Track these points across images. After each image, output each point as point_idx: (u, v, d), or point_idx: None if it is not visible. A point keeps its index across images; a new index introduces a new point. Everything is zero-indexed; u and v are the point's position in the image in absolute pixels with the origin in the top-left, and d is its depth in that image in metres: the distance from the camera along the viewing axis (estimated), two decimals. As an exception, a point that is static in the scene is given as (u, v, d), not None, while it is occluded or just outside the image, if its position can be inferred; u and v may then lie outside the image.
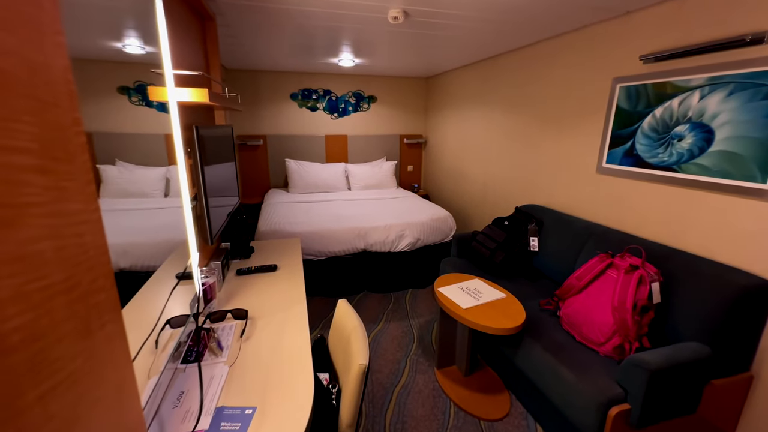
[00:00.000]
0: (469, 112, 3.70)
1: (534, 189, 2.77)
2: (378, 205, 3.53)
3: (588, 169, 2.27)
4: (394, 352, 2.27)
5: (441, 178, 4.51)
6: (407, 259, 3.03)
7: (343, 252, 2.87)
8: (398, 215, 3.14)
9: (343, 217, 3.08)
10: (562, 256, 2.19)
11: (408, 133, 4.91)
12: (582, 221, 2.22)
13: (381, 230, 2.92)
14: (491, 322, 1.62)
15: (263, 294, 1.49)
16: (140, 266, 1.21)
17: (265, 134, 4.36)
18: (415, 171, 5.07)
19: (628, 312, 1.45)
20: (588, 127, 2.25)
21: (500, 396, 1.89)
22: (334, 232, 2.83)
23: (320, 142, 4.55)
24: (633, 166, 1.97)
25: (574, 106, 2.35)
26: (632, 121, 1.96)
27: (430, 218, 3.12)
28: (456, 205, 4.13)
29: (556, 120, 2.52)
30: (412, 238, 2.98)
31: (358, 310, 2.75)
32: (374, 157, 4.77)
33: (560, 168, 2.50)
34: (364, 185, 4.32)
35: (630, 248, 1.64)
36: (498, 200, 3.27)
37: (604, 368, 1.46)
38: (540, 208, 2.55)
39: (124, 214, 1.26)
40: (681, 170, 1.73)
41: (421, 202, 3.62)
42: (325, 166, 4.34)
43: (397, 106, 4.76)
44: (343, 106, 4.57)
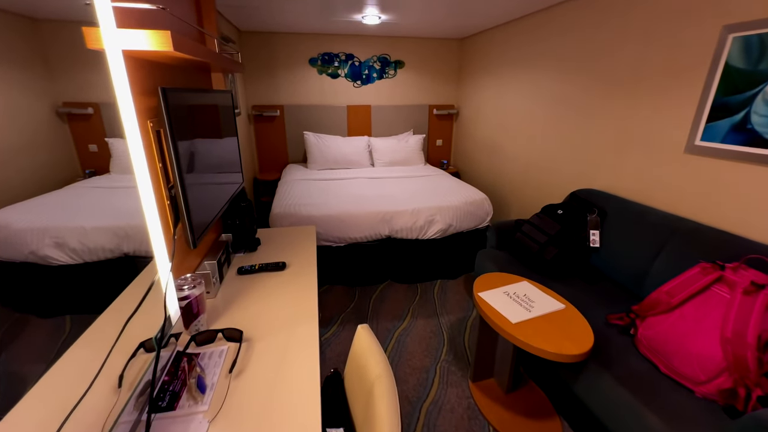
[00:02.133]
0: (510, 79, 3.19)
1: (594, 171, 2.32)
2: (404, 185, 3.16)
3: (673, 147, 1.80)
4: (421, 358, 1.99)
5: (474, 154, 4.05)
6: (437, 247, 2.69)
7: (365, 239, 2.57)
8: (427, 197, 2.78)
9: (365, 199, 2.75)
10: (632, 255, 1.78)
11: (438, 103, 4.42)
12: (661, 213, 1.78)
13: (408, 215, 2.58)
14: (550, 345, 1.27)
15: (266, 303, 1.21)
16: (145, 252, 0.95)
17: (282, 104, 4.01)
18: (444, 146, 4.62)
19: (750, 347, 1.07)
20: (676, 93, 1.77)
21: (550, 422, 1.58)
22: (355, 217, 2.51)
23: (341, 114, 4.17)
24: (744, 144, 1.50)
25: (656, 66, 1.86)
26: (749, 84, 1.47)
27: (464, 201, 2.74)
28: (491, 186, 3.70)
29: (628, 84, 2.02)
30: (444, 224, 2.62)
31: (382, 303, 2.48)
32: (400, 130, 4.35)
33: (632, 145, 2.03)
34: (389, 161, 3.94)
35: (750, 258, 1.23)
36: (544, 183, 2.83)
37: (703, 417, 1.11)
38: (602, 194, 2.12)
39: (128, 192, 0.99)
40: (825, 152, 1.27)
41: (452, 182, 3.22)
42: (347, 139, 3.98)
43: (427, 73, 4.26)
44: (366, 73, 4.13)
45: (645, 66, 1.92)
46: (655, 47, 1.86)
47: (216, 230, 1.56)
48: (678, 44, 1.75)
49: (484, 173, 3.84)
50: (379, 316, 2.35)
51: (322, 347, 2.05)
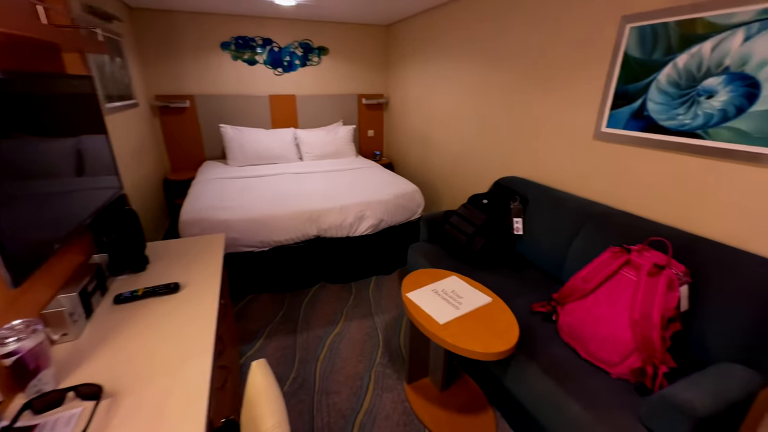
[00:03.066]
0: (435, 67, 3.16)
1: (516, 159, 2.36)
2: (334, 180, 3.00)
3: (583, 134, 1.87)
4: (355, 364, 1.88)
5: (405, 145, 4.00)
6: (369, 244, 2.59)
7: (291, 240, 2.37)
8: (357, 192, 2.64)
9: (290, 197, 2.53)
10: (552, 241, 1.83)
11: (367, 92, 4.28)
12: (576, 198, 1.86)
13: (336, 212, 2.42)
14: (478, 345, 1.23)
15: (147, 338, 0.98)
16: None
17: (192, 94, 3.57)
18: (376, 136, 4.51)
19: (656, 327, 1.11)
20: (584, 83, 1.83)
21: (483, 415, 1.57)
22: (278, 219, 2.30)
23: (263, 104, 3.84)
24: (642, 130, 1.59)
25: (567, 57, 1.91)
26: (645, 73, 1.55)
27: (395, 195, 2.66)
28: (423, 176, 3.68)
29: (543, 75, 2.07)
30: (374, 220, 2.52)
31: (313, 308, 2.31)
32: (329, 121, 4.15)
33: (548, 133, 2.09)
34: (318, 154, 3.73)
35: (652, 240, 1.29)
36: (472, 172, 2.86)
37: (619, 397, 1.14)
38: (524, 181, 2.16)
39: None
40: (708, 136, 1.37)
41: (383, 174, 3.13)
42: (271, 132, 3.67)
43: (353, 60, 4.09)
44: (288, 60, 3.84)
45: (556, 55, 1.96)
46: (563, 37, 1.90)
47: (83, 251, 1.27)
48: (584, 34, 1.80)
49: (416, 164, 3.81)
50: (311, 322, 2.19)
51: (243, 368, 1.84)
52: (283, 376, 1.79)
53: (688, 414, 0.92)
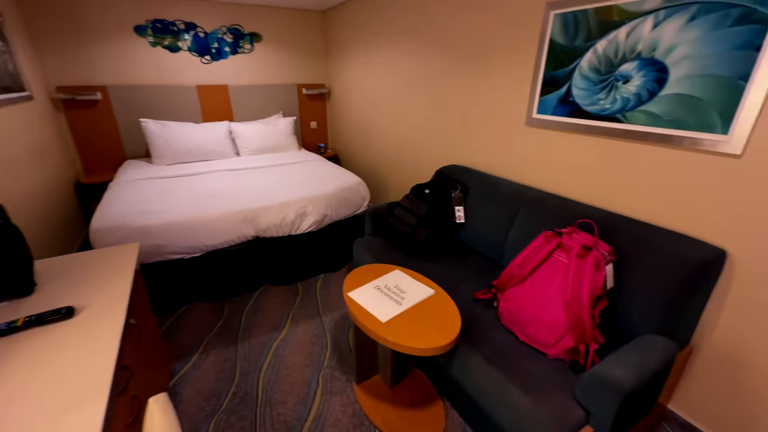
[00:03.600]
0: (376, 55, 3.07)
1: (456, 147, 2.37)
2: (273, 175, 2.82)
3: (516, 121, 1.91)
4: (302, 370, 1.78)
5: (350, 136, 3.90)
6: (314, 241, 2.47)
7: (226, 244, 2.18)
8: (298, 187, 2.51)
9: (223, 196, 2.33)
10: (491, 227, 1.86)
11: (307, 81, 4.09)
12: (511, 184, 1.89)
13: (276, 210, 2.27)
14: (421, 341, 1.20)
15: (25, 381, 0.81)
16: None
17: (103, 84, 3.15)
18: (320, 128, 4.35)
19: (585, 307, 1.15)
20: (516, 70, 1.85)
21: (434, 408, 1.57)
22: (208, 221, 2.10)
23: (191, 95, 3.51)
24: (569, 116, 1.64)
25: (499, 45, 1.92)
26: (569, 59, 1.59)
27: (339, 188, 2.56)
28: (369, 168, 3.61)
29: (478, 63, 2.07)
30: (318, 216, 2.41)
31: (256, 314, 2.17)
32: (267, 113, 3.91)
33: (484, 121, 2.11)
34: (257, 149, 3.50)
35: (581, 223, 1.33)
36: (416, 161, 2.83)
37: (556, 378, 1.17)
38: (464, 169, 2.17)
39: None
40: (626, 119, 1.44)
41: (327, 168, 3.01)
42: (201, 126, 3.37)
43: (290, 48, 3.87)
44: (216, 46, 3.53)
45: (490, 46, 1.97)
46: (494, 24, 1.91)
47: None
48: (513, 21, 1.81)
49: (362, 155, 3.73)
50: (253, 330, 2.05)
51: (177, 388, 1.67)
52: (221, 392, 1.65)
53: (617, 390, 0.96)
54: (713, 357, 1.33)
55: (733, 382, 1.30)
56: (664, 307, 1.20)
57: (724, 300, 1.27)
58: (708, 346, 1.34)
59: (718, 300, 1.28)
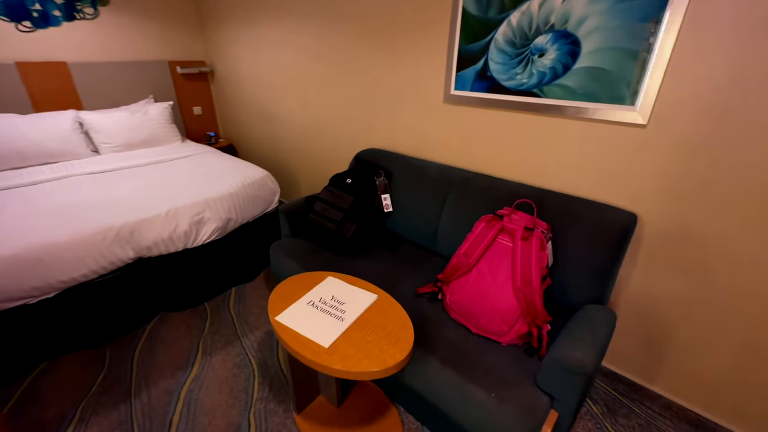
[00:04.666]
0: (269, 29, 2.65)
1: (372, 129, 2.19)
2: (154, 175, 2.26)
3: (434, 98, 1.81)
4: (225, 411, 1.47)
5: (246, 121, 3.40)
6: (219, 250, 2.07)
7: (93, 274, 1.66)
8: (189, 189, 2.04)
9: (83, 210, 1.76)
10: (421, 213, 1.76)
11: (182, 58, 3.40)
12: (436, 165, 1.81)
13: (161, 221, 1.81)
14: (373, 362, 1.02)
15: None
16: None
17: None
18: (206, 114, 3.71)
19: (537, 291, 1.12)
20: (430, 43, 1.73)
21: (388, 417, 1.44)
22: (59, 249, 1.54)
23: (8, 77, 2.58)
24: (487, 91, 1.60)
25: (408, 16, 1.76)
26: (484, 32, 1.53)
27: (241, 184, 2.17)
28: (275, 158, 3.21)
29: (387, 37, 1.89)
30: (219, 221, 2.00)
31: (153, 355, 1.73)
32: (132, 98, 3.15)
33: (401, 99, 1.96)
34: (123, 144, 2.79)
35: (519, 203, 1.29)
36: (328, 149, 2.58)
37: (515, 368, 1.14)
38: (385, 153, 2.02)
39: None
40: (543, 94, 1.44)
41: (222, 161, 2.54)
42: (31, 118, 2.52)
43: (151, 15, 3.13)
44: (39, 9, 2.62)
45: (397, 18, 1.80)
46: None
47: None
48: (421, -12, 1.67)
49: (263, 144, 3.29)
50: (152, 375, 1.62)
51: (43, 487, 1.21)
52: (116, 473, 1.25)
53: (581, 373, 0.94)
54: (627, 310, 1.47)
55: (643, 329, 1.45)
56: (595, 274, 1.26)
57: (635, 259, 1.39)
58: (623, 301, 1.48)
59: (631, 260, 1.40)
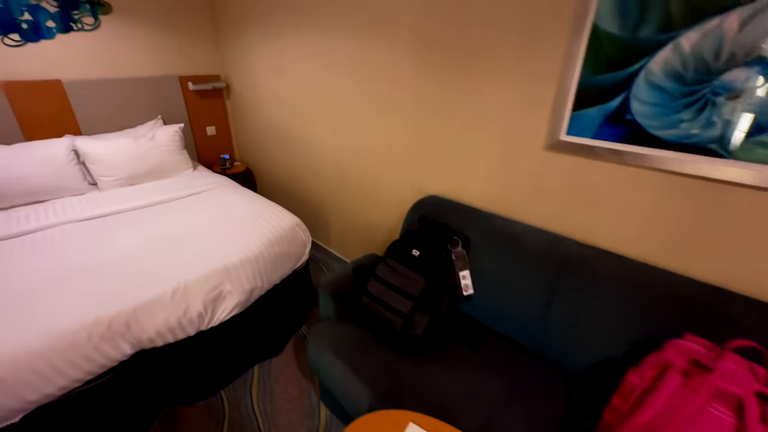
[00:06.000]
0: (296, 38, 2.22)
1: (433, 171, 1.73)
2: (160, 225, 1.83)
3: (531, 141, 1.35)
4: None
5: (266, 144, 2.97)
6: (238, 325, 1.63)
7: (77, 383, 1.22)
8: (203, 247, 1.61)
9: (60, 291, 1.33)
10: (517, 299, 1.30)
11: (194, 72, 2.98)
12: (535, 232, 1.34)
13: (167, 303, 1.37)
14: None
15: None
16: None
17: None
18: (221, 133, 3.29)
19: None
20: (531, 67, 1.27)
21: None
22: (24, 360, 1.11)
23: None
24: (623, 140, 1.14)
25: (495, 29, 1.31)
26: (628, 58, 1.07)
27: (268, 240, 1.73)
28: (297, 188, 2.78)
29: (459, 55, 1.44)
30: (242, 294, 1.56)
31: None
32: (139, 119, 2.73)
33: (477, 137, 1.51)
34: (128, 176, 2.37)
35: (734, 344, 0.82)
36: (370, 187, 2.13)
37: None
38: (451, 204, 1.56)
39: None
40: (729, 153, 0.97)
41: (242, 200, 2.11)
42: (18, 149, 2.11)
43: (158, 24, 2.72)
44: (29, 19, 2.22)
45: (487, 33, 1.34)
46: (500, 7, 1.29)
47: None
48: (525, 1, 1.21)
49: (285, 171, 2.86)
50: None
51: None
52: None
53: None
54: None
55: None
56: None
57: None
58: None
59: None
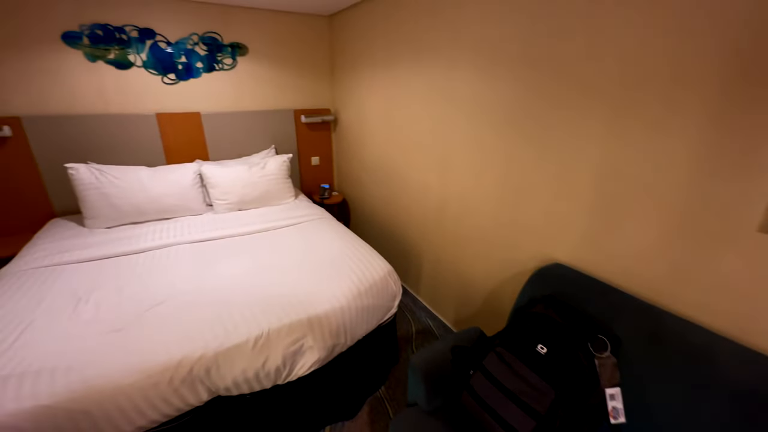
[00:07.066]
0: (411, 74, 2.12)
1: (559, 227, 1.38)
2: (256, 257, 1.83)
3: (732, 218, 0.93)
4: None
5: (364, 177, 2.93)
6: (313, 382, 1.47)
7: (156, 421, 1.18)
8: (291, 293, 1.51)
9: (156, 315, 1.34)
10: None
11: (307, 106, 3.15)
12: (742, 352, 0.90)
13: (248, 352, 1.27)
14: None
15: None
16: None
17: (15, 115, 2.20)
18: (323, 164, 3.39)
19: None
20: (747, 122, 0.88)
21: None
22: (112, 394, 1.10)
23: (149, 128, 2.55)
24: None
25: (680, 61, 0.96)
26: None
27: (357, 291, 1.57)
28: (390, 228, 2.63)
29: (608, 94, 1.11)
30: (323, 350, 1.41)
31: None
32: (254, 148, 2.95)
33: (643, 202, 1.13)
34: (236, 201, 2.52)
35: None
36: (474, 240, 1.85)
37: None
38: (586, 281, 1.19)
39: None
40: None
41: (335, 238, 2.02)
42: (158, 172, 2.40)
43: (285, 63, 2.94)
44: (184, 61, 2.59)
45: (654, 59, 1.01)
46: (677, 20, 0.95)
47: None
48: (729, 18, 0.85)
49: (380, 208, 2.75)
50: None
51: None
52: None
53: None
54: None
55: None
56: None
57: None
58: None
59: None
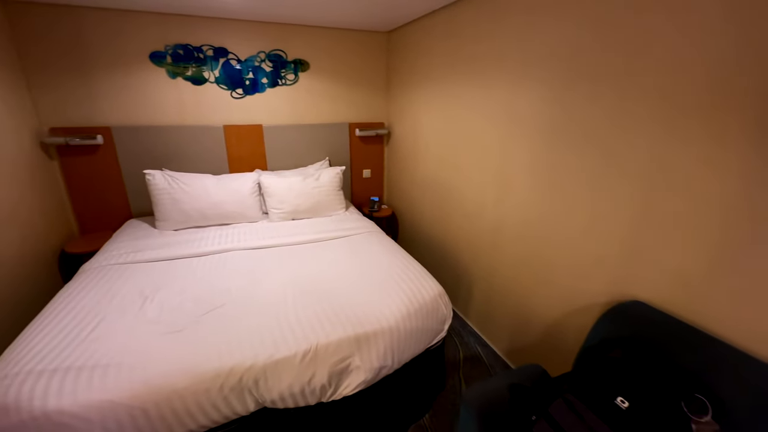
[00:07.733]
0: (470, 89, 2.06)
1: (640, 258, 1.22)
2: (306, 266, 1.85)
3: None
4: None
5: (416, 193, 2.88)
6: (357, 403, 1.42)
7: (204, 426, 1.20)
8: (339, 306, 1.49)
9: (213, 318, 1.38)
10: None
11: (362, 120, 3.20)
12: None
13: (295, 366, 1.26)
14: None
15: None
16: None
17: (107, 125, 2.46)
18: (374, 177, 3.40)
19: None
20: None
21: None
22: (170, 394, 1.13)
23: (216, 138, 2.74)
24: None
25: None
26: None
27: (406, 311, 1.51)
28: (440, 245, 2.55)
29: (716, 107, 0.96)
30: (369, 372, 1.36)
31: None
32: (310, 159, 3.04)
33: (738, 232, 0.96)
34: (291, 210, 2.60)
35: None
36: (537, 267, 1.71)
37: None
38: (676, 325, 1.02)
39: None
40: None
41: (384, 253, 1.98)
42: (222, 180, 2.55)
43: (343, 78, 3.01)
44: (251, 77, 2.75)
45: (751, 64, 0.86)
46: None
47: None
48: None
49: (430, 224, 2.69)
50: None
51: None
52: None
53: None
54: None
55: None
56: None
57: None
58: None
59: None
